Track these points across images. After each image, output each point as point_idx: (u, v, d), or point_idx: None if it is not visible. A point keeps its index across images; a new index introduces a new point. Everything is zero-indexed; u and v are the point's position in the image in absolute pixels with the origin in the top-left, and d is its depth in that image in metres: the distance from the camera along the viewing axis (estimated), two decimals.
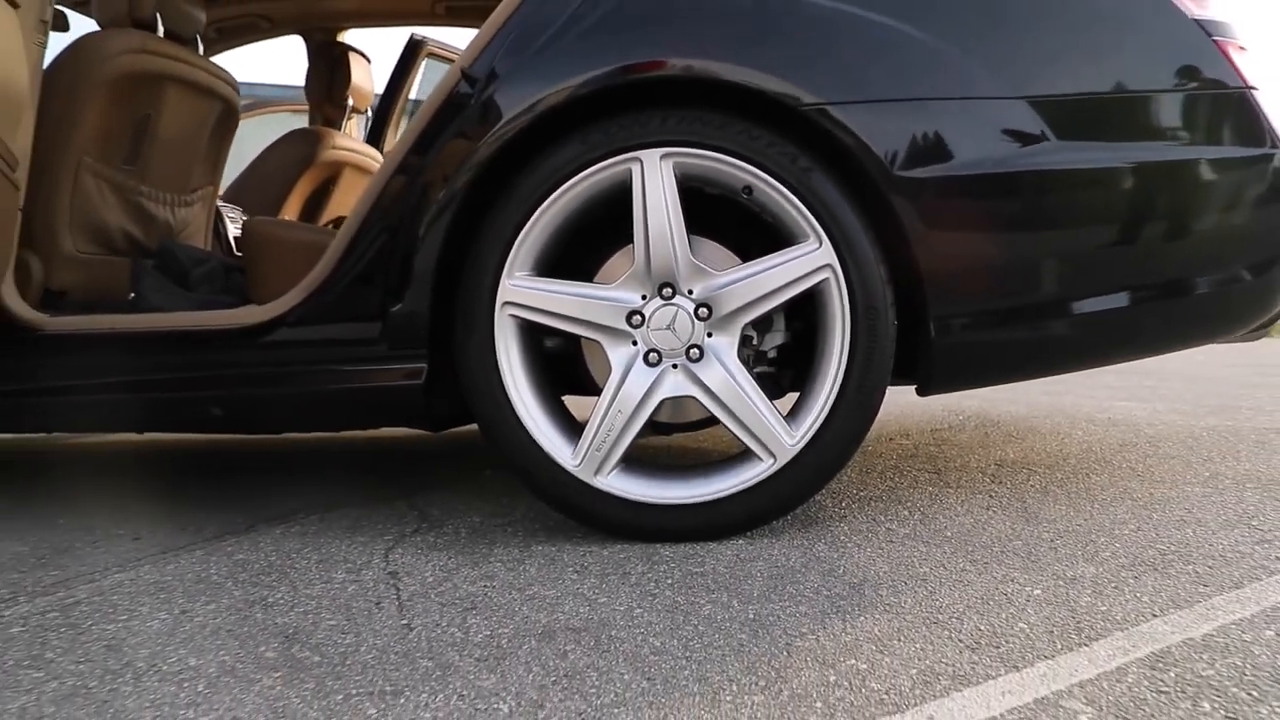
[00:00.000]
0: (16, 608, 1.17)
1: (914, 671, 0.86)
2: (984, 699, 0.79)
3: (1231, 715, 0.75)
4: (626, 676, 0.87)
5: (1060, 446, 2.13)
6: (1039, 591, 1.08)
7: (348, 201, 2.98)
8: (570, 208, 1.38)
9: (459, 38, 3.50)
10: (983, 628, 0.96)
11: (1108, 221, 1.39)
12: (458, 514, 1.61)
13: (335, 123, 3.01)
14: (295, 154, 2.71)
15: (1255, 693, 0.79)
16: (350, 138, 2.96)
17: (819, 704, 0.80)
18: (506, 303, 1.37)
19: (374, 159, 3.03)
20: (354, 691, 0.86)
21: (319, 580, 1.24)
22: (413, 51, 3.28)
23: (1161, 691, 0.80)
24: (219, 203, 2.44)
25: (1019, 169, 1.34)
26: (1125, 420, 2.58)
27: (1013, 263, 1.36)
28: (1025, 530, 1.36)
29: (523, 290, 1.37)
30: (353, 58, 2.86)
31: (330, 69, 2.85)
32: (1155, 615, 0.98)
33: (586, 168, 1.35)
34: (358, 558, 1.35)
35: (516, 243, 1.37)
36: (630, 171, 1.34)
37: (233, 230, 2.45)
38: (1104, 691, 0.80)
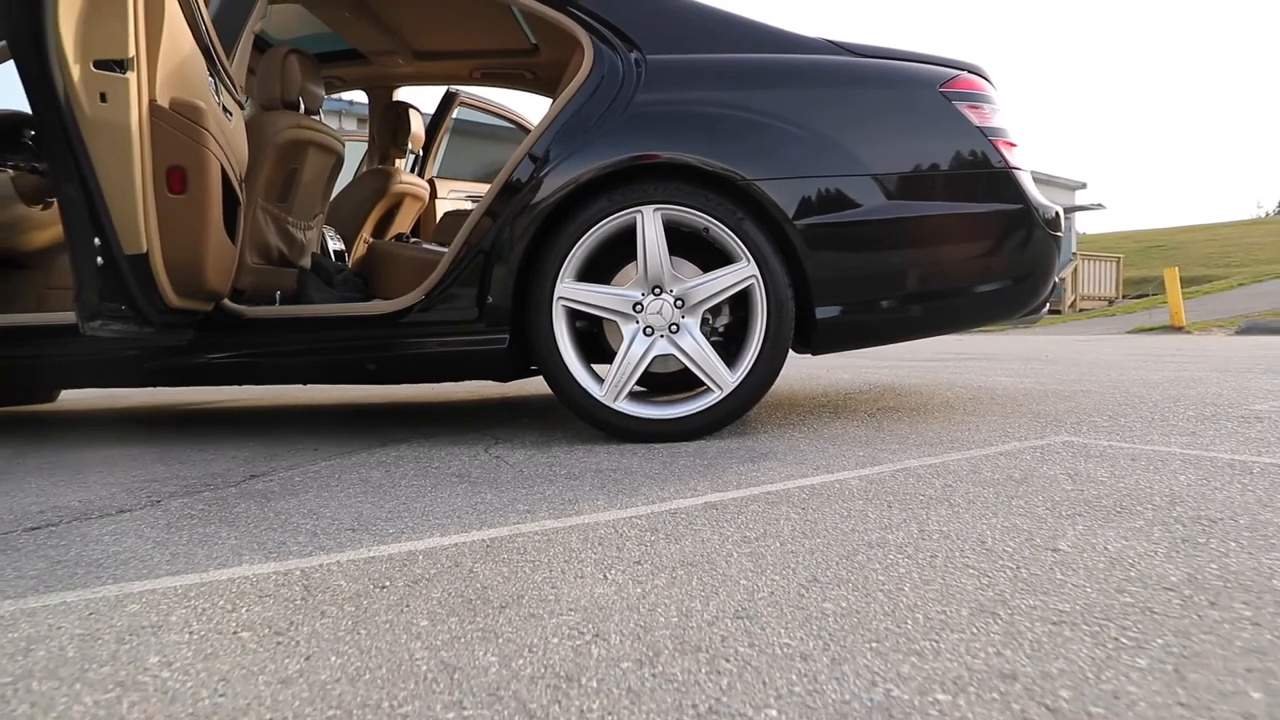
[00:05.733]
0: (289, 472, 2.03)
1: (784, 474, 1.76)
2: (809, 481, 1.69)
3: (918, 491, 1.65)
4: (643, 479, 1.76)
5: (928, 400, 3.06)
6: (862, 453, 1.99)
7: (406, 221, 3.86)
8: (598, 239, 2.26)
9: (485, 90, 4.35)
10: (822, 463, 1.87)
11: (921, 248, 2.30)
12: (519, 437, 2.49)
13: (392, 160, 3.87)
14: (372, 187, 3.58)
15: (935, 470, 1.70)
16: (406, 173, 3.82)
17: (734, 484, 1.69)
18: (560, 298, 2.26)
19: (423, 188, 3.90)
20: (507, 489, 1.75)
21: (454, 460, 2.12)
22: (449, 102, 4.17)
23: (898, 480, 1.70)
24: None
25: (865, 218, 2.25)
26: (989, 387, 3.53)
27: (863, 273, 2.27)
28: (872, 434, 2.27)
29: (570, 290, 2.25)
30: (411, 113, 3.73)
31: (396, 122, 3.71)
32: (914, 460, 1.89)
33: (608, 216, 2.24)
34: (469, 452, 2.23)
35: (566, 261, 2.25)
36: (635, 219, 2.23)
37: (331, 245, 3.30)
38: (869, 477, 1.71)
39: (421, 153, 4.09)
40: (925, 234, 2.31)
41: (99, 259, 1.81)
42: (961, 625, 0.92)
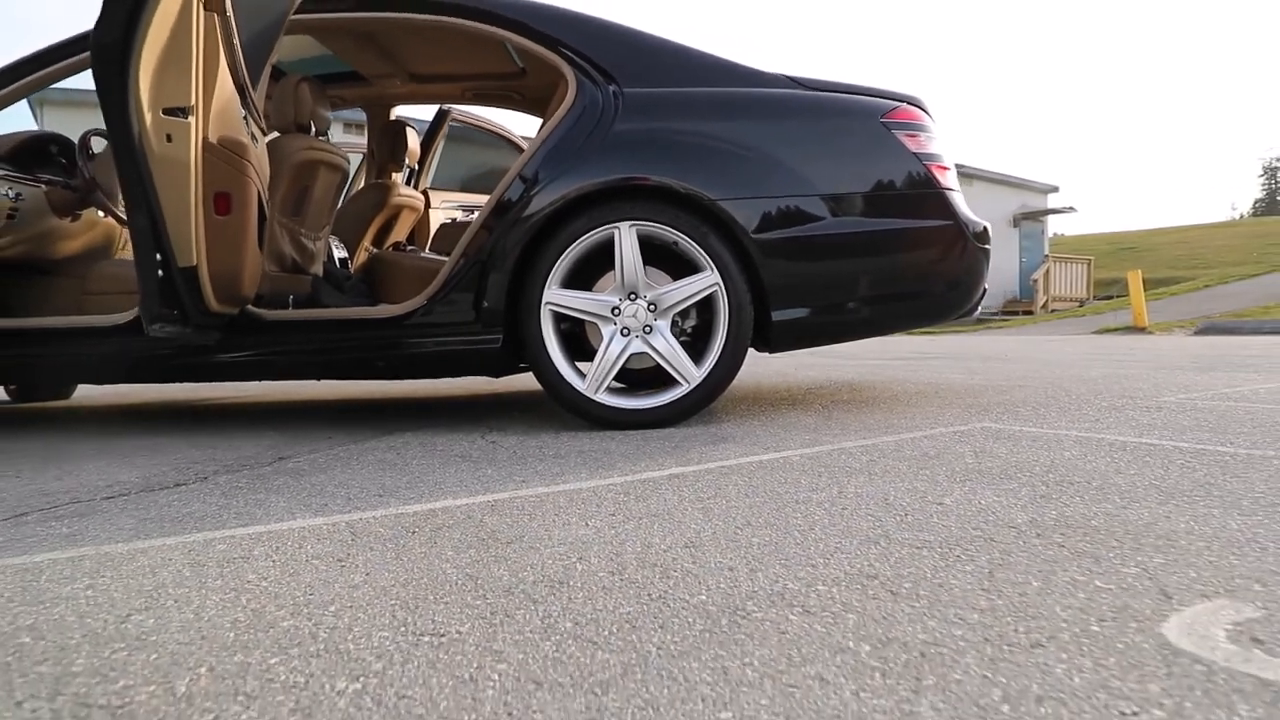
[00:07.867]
0: (312, 455, 2.33)
1: (738, 453, 2.08)
2: (759, 458, 2.02)
3: (846, 465, 1.98)
4: (619, 457, 2.08)
5: (879, 394, 3.40)
6: (808, 437, 2.31)
7: (403, 231, 4.16)
8: (581, 251, 2.58)
9: (476, 108, 4.65)
10: (772, 445, 2.19)
11: (865, 258, 2.64)
12: (511, 427, 2.80)
13: (389, 174, 4.17)
14: (373, 199, 3.88)
15: (866, 449, 2.03)
16: (403, 186, 4.12)
17: (695, 460, 2.02)
18: (548, 303, 2.57)
19: (419, 200, 4.21)
20: (504, 465, 2.06)
21: (456, 445, 2.42)
22: (441, 119, 4.48)
23: (833, 457, 2.03)
24: None
25: (813, 232, 2.58)
26: (938, 383, 3.87)
27: (812, 281, 2.60)
28: (820, 422, 2.61)
29: (557, 295, 2.57)
30: (408, 131, 4.03)
31: (394, 139, 4.02)
32: (850, 442, 2.23)
33: (589, 231, 2.56)
34: (467, 439, 2.54)
35: (553, 270, 2.57)
36: (613, 233, 2.55)
37: (336, 253, 3.60)
38: (810, 455, 2.03)
39: (416, 166, 4.39)
40: (868, 247, 2.64)
41: (159, 272, 2.11)
42: (850, 550, 1.24)
